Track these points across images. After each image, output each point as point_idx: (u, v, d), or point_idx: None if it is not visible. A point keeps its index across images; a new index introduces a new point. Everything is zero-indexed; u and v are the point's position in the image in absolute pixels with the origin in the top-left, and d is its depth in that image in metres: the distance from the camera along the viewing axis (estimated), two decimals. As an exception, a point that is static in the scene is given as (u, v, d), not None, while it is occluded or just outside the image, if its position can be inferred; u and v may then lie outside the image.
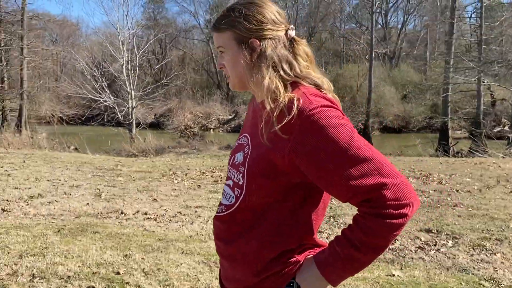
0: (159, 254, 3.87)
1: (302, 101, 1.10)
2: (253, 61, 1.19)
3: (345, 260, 1.08)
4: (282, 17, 1.23)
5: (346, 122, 1.10)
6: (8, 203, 5.91)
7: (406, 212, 1.05)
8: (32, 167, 9.02)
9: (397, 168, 1.08)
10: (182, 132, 21.02)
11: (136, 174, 8.73)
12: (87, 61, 20.95)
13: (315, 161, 1.07)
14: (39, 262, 3.56)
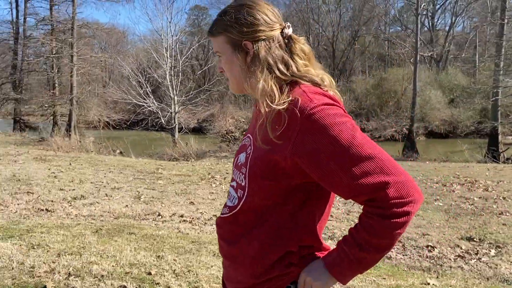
0: (191, 256, 3.90)
1: (302, 100, 1.08)
2: (247, 64, 1.18)
3: (352, 259, 1.08)
4: (277, 16, 1.21)
5: (348, 120, 1.07)
6: (53, 204, 6.16)
7: (410, 210, 1.03)
8: (78, 169, 9.37)
9: (441, 174, 1.05)
10: (223, 137, 21.24)
11: (175, 177, 8.88)
12: (133, 68, 21.60)
13: (317, 161, 1.05)
14: (75, 261, 3.67)
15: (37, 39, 26.22)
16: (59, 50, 24.88)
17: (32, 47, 27.65)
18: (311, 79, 1.16)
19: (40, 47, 26.98)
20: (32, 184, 7.58)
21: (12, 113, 28.03)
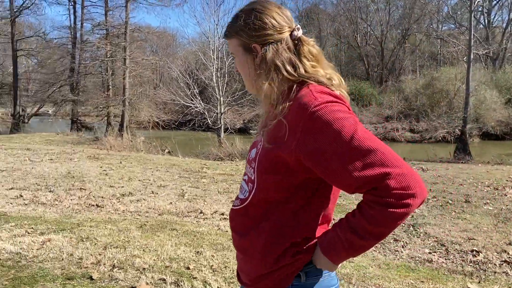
0: (229, 252, 4.00)
1: (307, 98, 1.13)
2: (256, 66, 1.25)
3: (346, 243, 1.12)
4: (286, 19, 1.26)
5: (350, 116, 1.11)
6: (103, 200, 6.47)
7: (410, 202, 1.04)
8: (127, 167, 9.77)
9: (493, 177, 1.07)
10: (269, 137, 21.28)
11: (219, 176, 9.06)
12: (181, 70, 22.16)
13: (320, 157, 1.09)
14: (120, 254, 3.86)
15: (93, 43, 27.52)
16: (113, 53, 25.95)
17: (89, 51, 29.02)
18: (318, 80, 1.21)
19: (96, 51, 28.27)
20: (85, 181, 7.99)
21: (70, 114, 29.54)
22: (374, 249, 4.39)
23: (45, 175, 8.44)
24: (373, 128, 30.68)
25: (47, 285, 3.25)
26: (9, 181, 7.77)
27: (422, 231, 5.15)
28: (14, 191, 6.90)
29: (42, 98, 30.77)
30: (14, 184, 7.48)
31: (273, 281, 1.23)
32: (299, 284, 1.22)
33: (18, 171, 8.89)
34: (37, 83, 32.92)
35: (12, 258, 3.76)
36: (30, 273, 3.46)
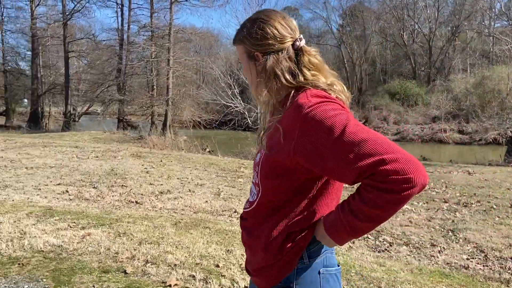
0: (258, 252, 4.03)
1: (302, 101, 1.18)
2: (257, 73, 1.31)
3: (347, 225, 1.15)
4: (288, 30, 1.30)
5: (342, 112, 1.14)
6: (142, 197, 6.68)
7: (407, 186, 1.05)
8: (167, 166, 10.02)
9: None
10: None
11: (256, 176, 9.12)
12: (222, 70, 22.44)
13: (317, 156, 1.13)
14: (153, 250, 3.99)
15: (139, 44, 28.37)
16: (158, 54, 26.64)
17: (135, 52, 29.95)
18: (315, 85, 1.25)
19: (142, 52, 29.13)
20: (127, 178, 8.28)
21: (117, 113, 30.59)
22: (408, 253, 4.30)
23: (90, 172, 8.81)
24: (419, 128, 29.83)
25: (84, 277, 3.41)
26: (57, 177, 8.17)
27: (461, 237, 4.99)
28: (61, 187, 7.25)
29: (91, 98, 32.08)
30: (61, 180, 7.85)
31: (278, 268, 1.28)
32: (303, 267, 1.27)
33: (66, 167, 9.32)
34: (87, 83, 34.34)
35: (54, 251, 3.96)
36: (69, 265, 3.64)
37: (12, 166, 9.16)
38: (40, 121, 31.91)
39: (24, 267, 3.57)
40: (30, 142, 14.80)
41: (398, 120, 31.85)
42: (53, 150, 12.31)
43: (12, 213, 5.18)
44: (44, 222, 4.80)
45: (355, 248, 4.39)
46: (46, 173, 8.49)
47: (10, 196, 6.38)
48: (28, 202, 5.92)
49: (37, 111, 32.29)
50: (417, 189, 1.06)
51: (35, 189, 7.01)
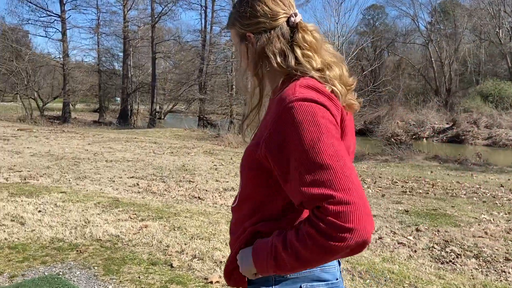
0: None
1: (288, 92, 1.04)
2: (249, 55, 1.18)
3: (273, 251, 1.00)
4: (281, 5, 1.16)
5: (322, 122, 0.98)
6: (206, 193, 6.80)
7: (344, 236, 0.88)
8: (236, 163, 10.13)
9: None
10: (388, 140, 20.32)
11: (324, 177, 8.90)
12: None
13: (279, 155, 1.01)
14: (202, 245, 4.01)
15: (220, 45, 29.14)
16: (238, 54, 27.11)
17: (216, 52, 30.79)
18: (304, 72, 1.10)
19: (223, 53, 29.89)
20: (195, 174, 8.49)
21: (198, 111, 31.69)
22: (475, 267, 3.89)
23: (162, 167, 9.17)
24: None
25: (133, 267, 3.51)
26: (132, 170, 8.61)
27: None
28: (133, 180, 7.62)
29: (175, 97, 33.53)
30: (135, 173, 8.25)
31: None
32: (281, 279, 1.11)
33: (141, 162, 9.80)
34: (172, 83, 35.98)
35: (111, 240, 4.14)
36: (121, 255, 3.77)
37: (94, 159, 9.82)
38: (129, 118, 34.01)
39: (81, 254, 3.76)
40: (115, 137, 15.80)
41: (490, 124, 29.42)
42: (134, 145, 13.02)
43: (82, 202, 5.51)
44: (108, 212, 5.05)
45: (416, 257, 4.07)
46: (123, 166, 8.98)
47: (86, 186, 6.82)
48: (99, 193, 6.28)
49: (126, 109, 34.47)
50: (352, 244, 0.89)
51: (110, 181, 7.43)
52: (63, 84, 33.89)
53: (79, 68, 35.50)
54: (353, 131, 1.20)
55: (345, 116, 1.12)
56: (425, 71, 39.71)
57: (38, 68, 34.85)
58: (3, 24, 34.09)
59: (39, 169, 8.21)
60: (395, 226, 5.20)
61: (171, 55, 35.39)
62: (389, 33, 45.75)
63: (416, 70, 39.60)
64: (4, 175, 7.49)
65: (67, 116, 32.36)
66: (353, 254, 0.94)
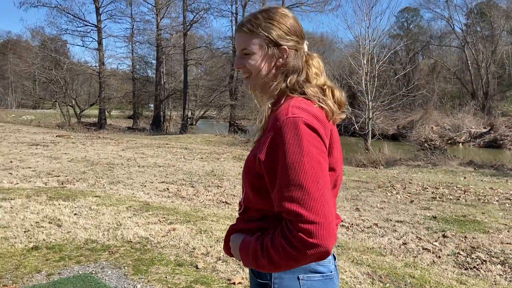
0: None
1: (282, 111, 1.17)
2: (273, 67, 1.31)
3: (253, 251, 1.18)
4: (303, 32, 1.34)
5: (306, 145, 1.11)
6: (233, 198, 6.94)
7: (310, 250, 1.06)
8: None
9: None
10: (421, 145, 19.95)
11: (352, 183, 8.89)
12: (334, 74, 22.21)
13: (269, 169, 1.15)
14: (227, 248, 4.13)
15: (250, 51, 29.35)
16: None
17: (246, 58, 31.02)
18: (304, 91, 1.25)
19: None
20: (224, 179, 8.66)
21: (228, 117, 32.08)
22: (500, 273, 3.84)
23: (192, 172, 9.39)
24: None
25: (161, 268, 3.67)
26: (163, 175, 8.87)
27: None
28: (164, 185, 7.85)
29: (206, 103, 34.02)
30: (166, 178, 8.50)
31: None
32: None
33: (172, 167, 10.06)
34: (203, 89, 36.54)
35: (140, 242, 4.33)
36: (150, 256, 3.94)
37: (127, 164, 10.16)
38: (162, 124, 34.76)
39: (113, 255, 3.95)
40: (148, 143, 16.23)
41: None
42: (165, 151, 13.35)
43: (115, 206, 5.75)
44: (139, 216, 5.26)
45: (440, 263, 4.06)
46: (154, 172, 9.26)
47: (119, 191, 7.09)
48: (131, 197, 6.53)
49: (159, 115, 35.25)
50: (315, 255, 1.07)
51: (141, 185, 7.69)
52: (99, 91, 35.00)
53: (114, 76, 36.58)
54: (339, 141, 1.32)
55: (333, 130, 1.26)
56: (461, 74, 38.72)
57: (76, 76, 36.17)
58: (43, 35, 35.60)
59: (75, 174, 8.58)
60: (421, 232, 5.18)
61: (202, 62, 35.94)
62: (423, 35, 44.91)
63: (452, 73, 38.65)
64: (44, 179, 7.88)
65: (102, 122, 33.39)
66: (317, 261, 1.13)
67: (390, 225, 5.53)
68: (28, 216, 5.08)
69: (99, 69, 34.14)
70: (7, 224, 4.73)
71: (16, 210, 5.32)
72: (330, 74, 22.14)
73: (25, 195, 6.23)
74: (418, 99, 31.37)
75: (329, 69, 23.45)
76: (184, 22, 32.88)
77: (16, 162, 9.89)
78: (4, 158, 10.37)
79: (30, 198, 6.04)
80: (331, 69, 22.55)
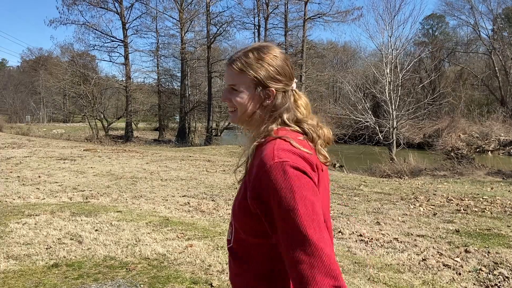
0: (345, 276, 3.90)
1: (267, 156, 1.15)
2: (260, 107, 1.31)
3: None
4: (292, 71, 1.36)
5: (297, 191, 1.09)
6: (253, 212, 6.94)
7: None
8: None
9: None
10: (448, 154, 19.53)
11: (374, 195, 8.77)
12: (352, 85, 22.09)
13: (262, 210, 1.14)
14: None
15: (273, 62, 29.50)
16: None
17: (270, 70, 31.17)
18: (292, 126, 1.28)
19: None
20: (245, 192, 8.67)
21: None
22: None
23: (213, 185, 9.46)
24: None
25: (176, 286, 3.71)
26: (185, 189, 8.96)
27: None
28: (185, 199, 7.94)
29: (231, 114, 34.11)
30: (187, 192, 8.59)
31: None
32: None
33: (194, 180, 10.16)
34: (227, 101, 36.74)
35: (158, 259, 4.38)
36: (166, 273, 3.99)
37: (150, 178, 10.31)
38: (187, 136, 35.19)
39: (130, 272, 4.02)
40: (172, 155, 16.44)
41: None
42: (188, 164, 13.49)
43: (135, 221, 5.85)
44: (158, 232, 5.33)
45: (459, 280, 3.96)
46: (176, 185, 9.37)
47: (140, 205, 7.21)
48: (152, 212, 6.62)
49: (184, 127, 35.73)
50: None
51: (163, 199, 7.79)
52: (126, 104, 35.74)
53: (141, 89, 37.35)
54: (327, 186, 1.31)
55: (320, 171, 1.23)
56: (489, 81, 37.84)
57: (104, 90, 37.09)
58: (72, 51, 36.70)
59: (99, 188, 8.77)
60: (442, 247, 5.06)
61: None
62: (449, 42, 44.18)
63: (479, 80, 37.80)
64: (69, 194, 8.08)
65: (129, 135, 34.04)
66: None
67: (411, 239, 5.43)
68: (51, 232, 5.22)
69: (125, 83, 34.93)
70: (30, 241, 4.87)
71: (40, 227, 5.48)
72: (354, 84, 22.01)
73: (50, 211, 6.41)
74: (445, 107, 30.76)
75: (352, 79, 23.37)
76: (207, 36, 33.34)
77: (44, 177, 10.19)
78: (33, 173, 10.70)
79: (54, 214, 6.21)
80: (355, 78, 22.40)
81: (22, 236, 5.08)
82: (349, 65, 42.29)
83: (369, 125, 19.65)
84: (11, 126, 35.29)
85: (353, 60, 47.89)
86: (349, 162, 16.80)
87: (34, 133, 30.81)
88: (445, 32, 48.73)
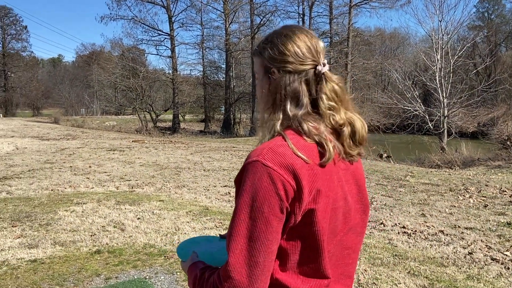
0: (384, 269, 3.78)
1: (255, 150, 1.07)
2: (267, 91, 1.18)
3: (194, 276, 1.15)
4: (312, 51, 1.16)
5: (262, 194, 1.00)
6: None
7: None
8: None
9: None
10: (503, 143, 18.49)
11: (421, 186, 8.46)
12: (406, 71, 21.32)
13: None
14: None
15: (318, 51, 29.10)
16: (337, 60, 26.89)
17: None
18: (298, 129, 1.10)
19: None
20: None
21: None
22: None
23: (255, 176, 9.46)
24: None
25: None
26: (226, 179, 9.03)
27: None
28: (226, 189, 8.00)
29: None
30: (228, 182, 8.65)
31: None
32: None
33: (236, 170, 10.21)
34: (272, 91, 36.71)
35: (195, 247, 4.43)
36: (203, 261, 4.03)
37: (194, 168, 10.48)
38: (232, 127, 35.49)
39: (167, 260, 4.09)
40: (216, 146, 16.63)
41: None
42: (231, 155, 13.60)
43: (176, 210, 5.96)
44: (197, 221, 5.40)
45: (507, 275, 3.73)
46: (218, 175, 9.46)
47: (182, 195, 7.34)
48: (193, 201, 6.72)
49: (229, 118, 36.03)
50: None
51: (204, 189, 7.89)
52: (172, 97, 36.52)
53: (187, 81, 37.98)
54: (351, 190, 1.17)
55: (320, 184, 1.06)
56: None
57: (152, 83, 38.05)
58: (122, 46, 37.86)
59: (145, 178, 9.01)
60: (491, 240, 4.80)
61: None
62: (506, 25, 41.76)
63: (540, 64, 35.52)
64: (116, 183, 8.36)
65: (176, 126, 34.78)
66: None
67: (457, 232, 5.18)
68: (96, 220, 5.42)
69: (172, 75, 35.64)
70: (77, 228, 5.07)
71: (86, 214, 5.69)
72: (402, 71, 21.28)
73: (97, 199, 6.65)
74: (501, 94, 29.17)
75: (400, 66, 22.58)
76: (251, 26, 33.33)
77: (94, 167, 10.61)
78: (84, 163, 11.16)
79: (100, 202, 6.43)
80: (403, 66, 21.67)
81: (70, 223, 5.30)
82: (398, 52, 40.91)
83: (418, 114, 18.93)
84: (67, 119, 36.96)
85: (402, 47, 46.30)
86: (397, 152, 16.29)
87: (88, 126, 32.14)
88: (502, 15, 46.07)
